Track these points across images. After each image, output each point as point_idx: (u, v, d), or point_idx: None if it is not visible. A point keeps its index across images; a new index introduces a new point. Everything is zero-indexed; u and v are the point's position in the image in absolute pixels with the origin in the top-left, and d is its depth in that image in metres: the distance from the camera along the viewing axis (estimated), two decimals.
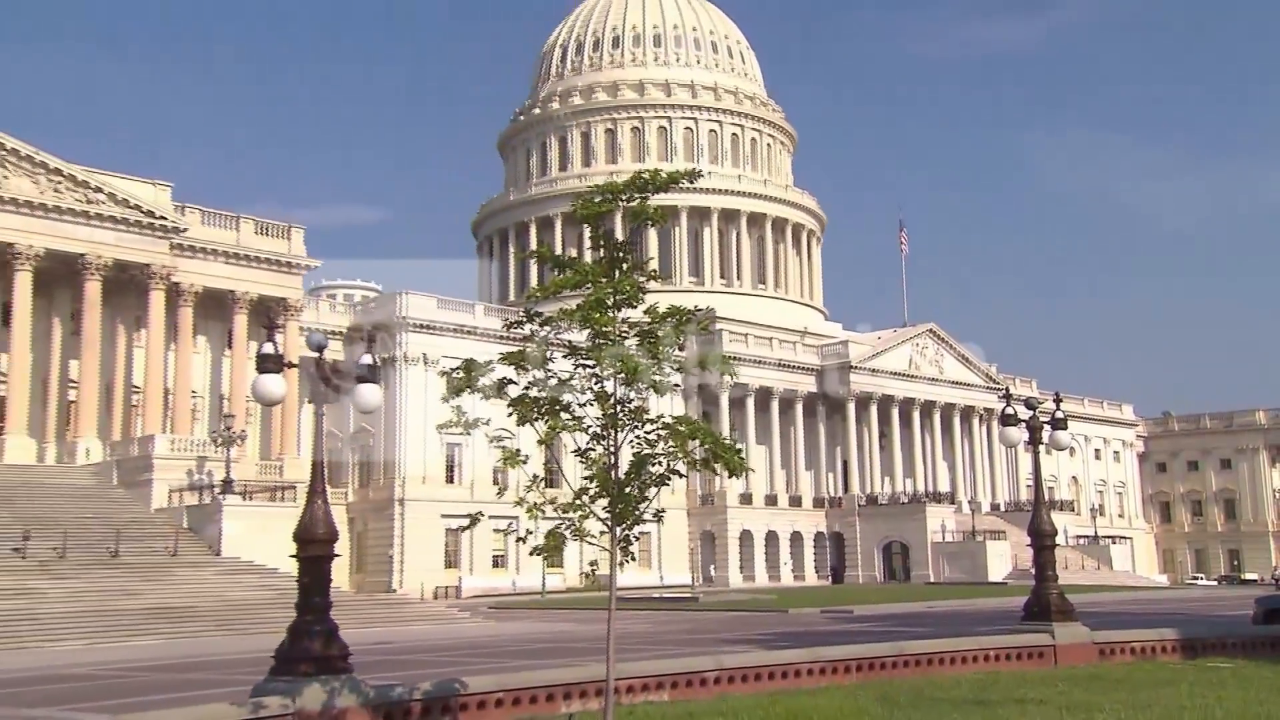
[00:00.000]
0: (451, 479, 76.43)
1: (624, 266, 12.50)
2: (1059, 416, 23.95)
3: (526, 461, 12.22)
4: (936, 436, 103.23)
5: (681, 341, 12.58)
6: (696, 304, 13.87)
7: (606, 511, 12.06)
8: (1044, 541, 23.66)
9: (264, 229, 68.23)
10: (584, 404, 12.25)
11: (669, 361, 12.15)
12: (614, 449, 12.16)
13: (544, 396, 12.14)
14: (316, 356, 13.38)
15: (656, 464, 12.11)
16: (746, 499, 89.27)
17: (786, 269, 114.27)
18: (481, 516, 14.06)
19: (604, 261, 12.51)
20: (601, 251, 12.59)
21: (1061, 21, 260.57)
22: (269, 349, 13.59)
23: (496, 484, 67.63)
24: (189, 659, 29.41)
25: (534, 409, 12.15)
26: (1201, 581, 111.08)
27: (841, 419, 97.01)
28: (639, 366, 11.73)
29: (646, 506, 12.18)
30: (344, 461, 76.03)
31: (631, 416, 12.20)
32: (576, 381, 12.19)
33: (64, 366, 61.29)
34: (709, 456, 11.93)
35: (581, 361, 12.17)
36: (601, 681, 13.63)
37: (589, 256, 13.39)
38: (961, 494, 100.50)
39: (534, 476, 12.40)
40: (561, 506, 12.13)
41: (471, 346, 68.76)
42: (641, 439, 12.22)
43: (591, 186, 13.34)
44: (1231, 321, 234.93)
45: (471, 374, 12.07)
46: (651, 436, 12.16)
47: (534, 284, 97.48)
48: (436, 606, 56.13)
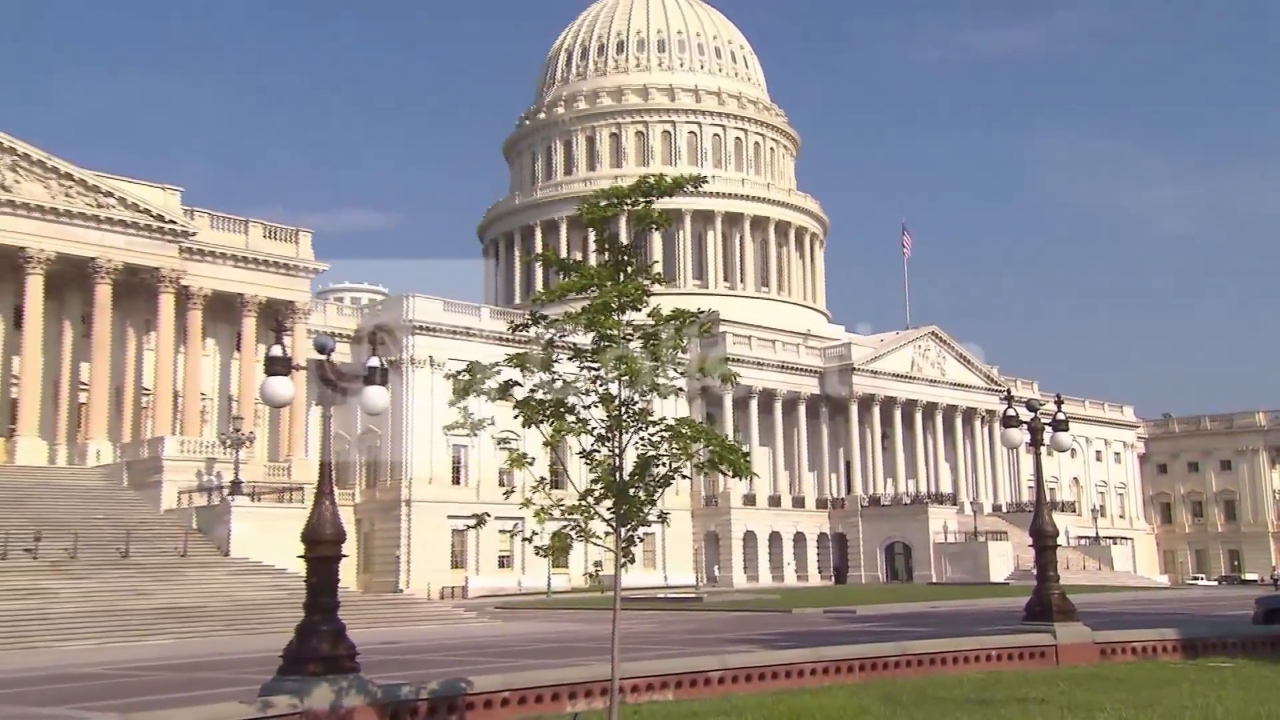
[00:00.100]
0: (458, 480, 76.73)
1: (628, 270, 12.50)
2: (1060, 418, 24.01)
3: (533, 464, 12.20)
4: (938, 438, 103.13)
5: (684, 344, 12.54)
6: (700, 306, 13.88)
7: (611, 512, 12.06)
8: (1046, 542, 23.73)
9: (272, 233, 68.53)
10: (588, 406, 12.23)
11: (671, 364, 12.14)
12: (619, 451, 12.17)
13: (549, 399, 12.13)
14: (324, 359, 13.39)
15: (661, 465, 12.12)
16: (750, 500, 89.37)
17: (789, 272, 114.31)
18: (488, 518, 14.24)
19: (609, 265, 12.52)
20: (606, 255, 12.60)
21: (1062, 28, 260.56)
22: (277, 351, 13.61)
23: (502, 485, 67.87)
24: (198, 658, 29.56)
25: (539, 411, 12.14)
26: (1202, 582, 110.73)
27: (844, 420, 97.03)
28: (640, 368, 11.75)
29: (651, 509, 12.16)
30: (351, 463, 76.18)
31: (636, 419, 12.21)
32: (581, 384, 12.19)
33: (75, 369, 61.66)
34: (714, 458, 11.92)
35: (587, 364, 12.18)
36: (606, 681, 13.75)
37: (594, 260, 13.40)
38: (963, 495, 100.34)
39: (540, 479, 12.38)
40: (567, 508, 12.12)
41: (477, 349, 69.08)
42: (646, 441, 12.23)
43: (596, 191, 13.38)
44: (1231, 324, 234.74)
45: (476, 376, 12.06)
46: (655, 438, 12.16)
47: (539, 287, 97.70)
48: (443, 606, 56.29)
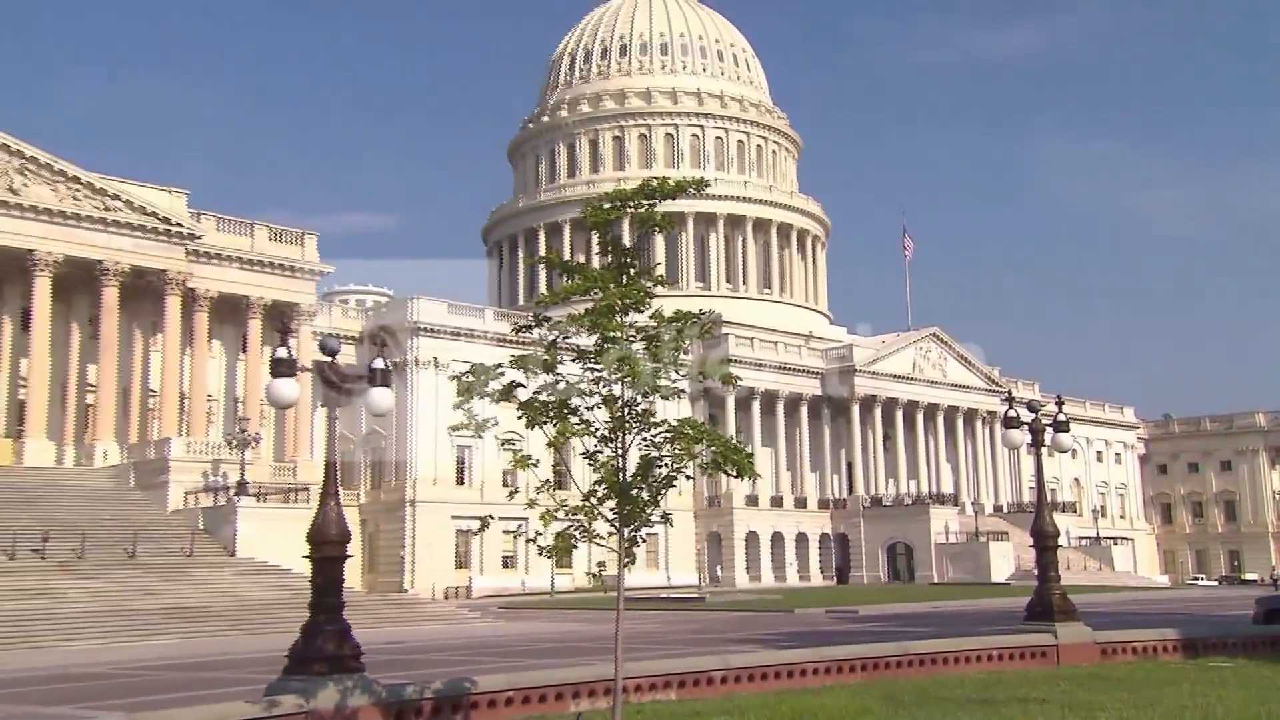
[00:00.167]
0: (462, 481, 76.90)
1: (632, 272, 12.56)
2: (1061, 419, 24.12)
3: (537, 465, 12.27)
4: (940, 439, 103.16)
5: (686, 346, 12.59)
6: (702, 308, 13.94)
7: (614, 513, 12.09)
8: (1046, 542, 23.84)
9: (278, 235, 68.71)
10: (591, 408, 12.27)
11: (673, 365, 12.19)
12: (622, 452, 12.21)
13: (553, 400, 12.16)
14: (328, 360, 13.45)
15: (663, 466, 12.17)
16: (753, 501, 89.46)
17: (791, 274, 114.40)
18: (492, 520, 14.35)
19: (612, 267, 12.57)
20: (610, 257, 12.65)
21: (1062, 29, 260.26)
22: (282, 353, 13.70)
23: (506, 486, 67.97)
24: (204, 658, 29.69)
25: (543, 413, 12.18)
26: (1202, 582, 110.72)
27: (846, 421, 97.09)
28: (643, 370, 11.80)
29: (654, 509, 12.19)
30: (356, 463, 76.43)
31: (639, 420, 12.26)
32: (584, 385, 12.22)
33: (82, 370, 61.83)
34: (717, 459, 11.95)
35: (590, 365, 12.22)
36: (610, 681, 13.84)
37: (597, 262, 13.45)
38: (965, 495, 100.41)
39: (544, 481, 12.42)
40: (570, 509, 12.14)
41: (481, 350, 69.32)
42: (649, 442, 12.28)
43: (600, 194, 13.51)
44: (1231, 324, 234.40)
45: (480, 378, 12.10)
46: (658, 439, 12.21)
47: (543, 289, 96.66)
48: (447, 606, 56.44)
